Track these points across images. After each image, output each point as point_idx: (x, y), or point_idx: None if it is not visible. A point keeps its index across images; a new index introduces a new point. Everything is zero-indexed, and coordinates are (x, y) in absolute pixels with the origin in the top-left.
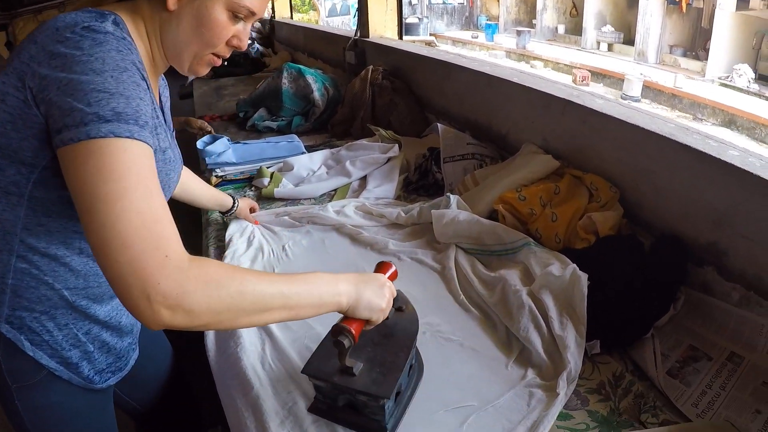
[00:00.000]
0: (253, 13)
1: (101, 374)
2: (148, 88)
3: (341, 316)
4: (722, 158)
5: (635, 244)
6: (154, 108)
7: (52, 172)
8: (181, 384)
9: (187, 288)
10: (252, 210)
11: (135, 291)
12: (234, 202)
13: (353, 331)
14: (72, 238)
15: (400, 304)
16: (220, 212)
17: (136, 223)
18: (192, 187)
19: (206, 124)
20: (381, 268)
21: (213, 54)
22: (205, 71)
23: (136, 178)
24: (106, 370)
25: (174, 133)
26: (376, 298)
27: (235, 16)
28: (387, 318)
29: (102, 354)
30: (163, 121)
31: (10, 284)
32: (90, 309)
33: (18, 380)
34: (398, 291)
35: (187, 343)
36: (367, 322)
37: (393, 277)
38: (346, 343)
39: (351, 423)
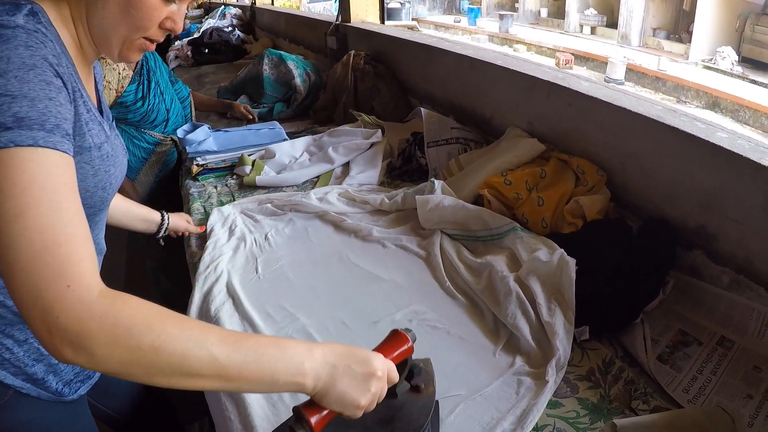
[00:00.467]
0: None
1: (70, 385)
2: (69, 81)
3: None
4: (711, 140)
5: (623, 228)
6: (84, 102)
7: None
8: (154, 388)
9: (89, 327)
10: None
11: (37, 321)
12: (163, 218)
13: (312, 423)
14: None
15: (419, 381)
16: (148, 233)
17: (38, 246)
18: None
19: (249, 109)
20: (389, 342)
21: (145, 38)
22: (137, 58)
23: (39, 191)
24: (74, 380)
25: (114, 122)
26: (353, 390)
27: None
28: (395, 396)
29: (62, 366)
30: (97, 114)
31: None
32: None
33: None
34: (423, 364)
35: None
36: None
37: (406, 354)
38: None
39: None
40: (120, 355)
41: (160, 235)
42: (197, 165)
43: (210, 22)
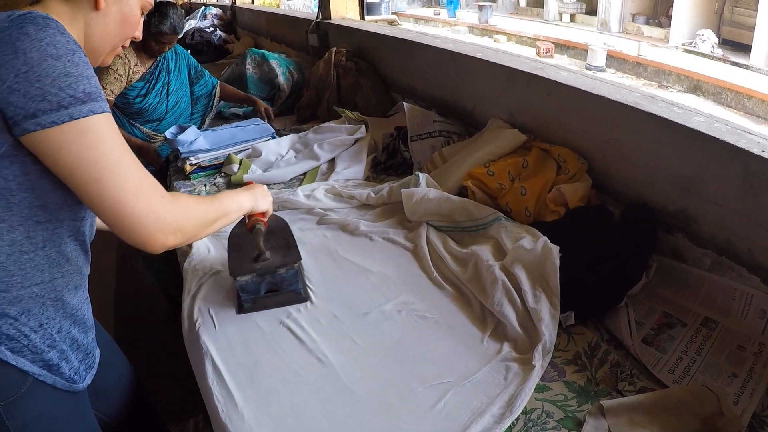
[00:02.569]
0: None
1: (78, 373)
2: None
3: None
4: (688, 125)
5: (605, 214)
6: None
7: (9, 160)
8: (141, 392)
9: (179, 216)
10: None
11: (150, 227)
12: None
13: (262, 220)
14: (35, 231)
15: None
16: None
17: (138, 178)
18: None
19: (270, 113)
20: (248, 184)
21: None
22: (110, 61)
23: (120, 145)
24: (80, 368)
25: None
26: (265, 196)
27: (141, 12)
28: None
29: (74, 351)
30: None
31: None
32: (59, 302)
33: (3, 397)
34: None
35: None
36: (264, 214)
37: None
38: (261, 227)
39: (276, 303)
40: (194, 224)
41: None
42: (190, 164)
43: (191, 23)
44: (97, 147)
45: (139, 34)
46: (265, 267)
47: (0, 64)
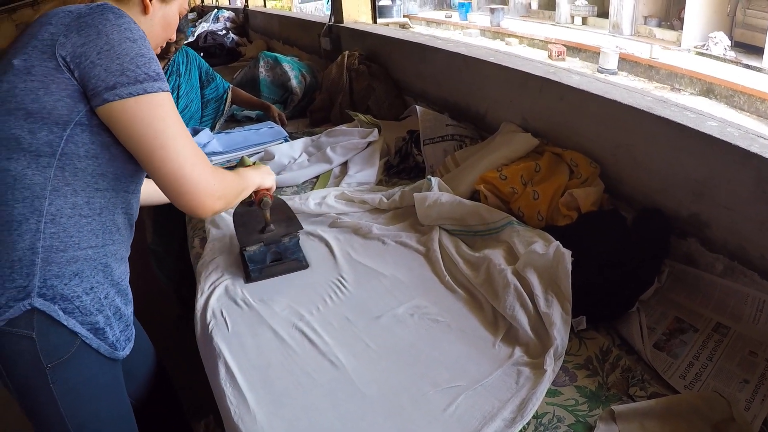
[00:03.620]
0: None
1: (119, 341)
2: None
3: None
4: (701, 129)
5: (617, 219)
6: None
7: (81, 128)
8: (165, 378)
9: (223, 184)
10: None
11: (203, 192)
12: None
13: (269, 194)
14: (94, 198)
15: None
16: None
17: (194, 150)
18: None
19: (283, 118)
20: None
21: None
22: None
23: (180, 121)
24: (122, 337)
25: None
26: (270, 174)
27: (179, 15)
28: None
29: (116, 320)
30: None
31: (41, 250)
32: (108, 268)
33: (53, 358)
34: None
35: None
36: (268, 189)
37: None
38: (268, 200)
39: (281, 270)
40: (232, 192)
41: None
42: None
43: (204, 26)
44: (164, 119)
45: (174, 36)
46: (270, 237)
47: (84, 43)
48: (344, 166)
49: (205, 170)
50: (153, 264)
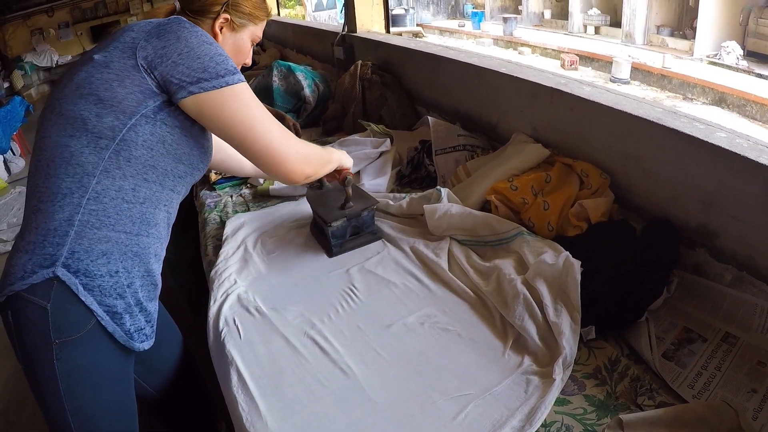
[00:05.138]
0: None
1: (139, 333)
2: None
3: None
4: (710, 140)
5: (627, 229)
6: None
7: (145, 119)
8: (193, 371)
9: (310, 152)
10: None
11: (292, 160)
12: None
13: (350, 172)
14: (140, 186)
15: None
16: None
17: (279, 126)
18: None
19: (298, 127)
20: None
21: None
22: None
23: (260, 104)
24: (141, 330)
25: None
26: (346, 156)
27: (252, 43)
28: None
29: (138, 311)
30: None
31: (77, 223)
32: (138, 259)
33: (62, 334)
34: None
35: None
36: (347, 169)
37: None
38: (351, 179)
39: (359, 243)
40: (319, 163)
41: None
42: (215, 173)
43: None
44: (248, 105)
45: (249, 61)
46: (352, 211)
47: (165, 46)
48: (357, 175)
49: (291, 141)
50: (166, 271)
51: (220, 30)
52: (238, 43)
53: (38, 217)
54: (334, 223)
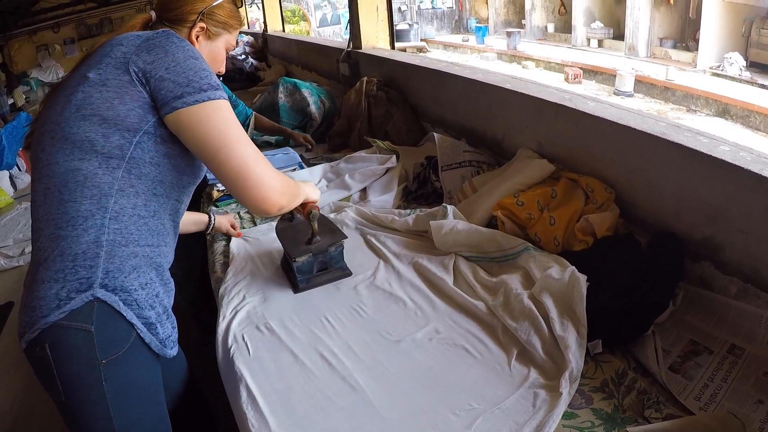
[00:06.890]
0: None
1: (169, 339)
2: None
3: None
4: (713, 154)
5: (632, 244)
6: None
7: (147, 136)
8: (197, 389)
9: (284, 183)
10: (232, 226)
11: (267, 187)
12: (210, 220)
13: (316, 206)
14: (151, 201)
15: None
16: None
17: (255, 150)
18: None
19: (309, 138)
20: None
21: None
22: None
23: (239, 125)
24: (170, 337)
25: None
26: (315, 189)
27: (226, 51)
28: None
29: (165, 318)
30: None
31: (105, 243)
32: (159, 268)
33: (108, 353)
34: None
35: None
36: (314, 203)
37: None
38: (316, 212)
39: (327, 279)
40: (292, 196)
41: (207, 232)
42: (218, 191)
43: None
44: (226, 122)
45: (223, 70)
46: (318, 247)
47: (153, 61)
48: (363, 192)
49: (267, 168)
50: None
51: (197, 38)
52: (214, 51)
53: (61, 244)
54: (298, 258)
